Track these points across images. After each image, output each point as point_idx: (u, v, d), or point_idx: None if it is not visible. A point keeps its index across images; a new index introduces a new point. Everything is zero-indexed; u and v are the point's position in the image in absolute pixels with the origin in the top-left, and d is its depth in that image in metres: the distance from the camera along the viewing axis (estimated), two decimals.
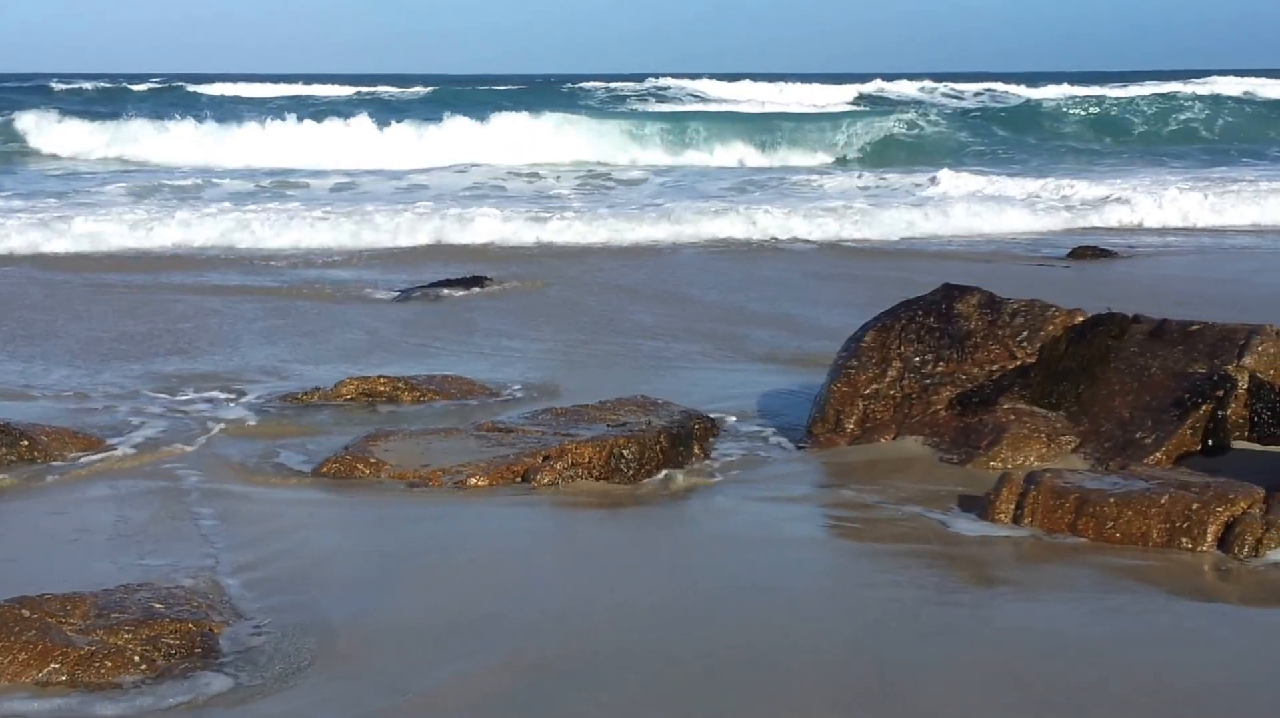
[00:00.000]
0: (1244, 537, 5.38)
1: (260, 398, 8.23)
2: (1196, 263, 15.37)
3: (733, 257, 15.72)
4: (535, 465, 6.46)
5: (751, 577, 5.27)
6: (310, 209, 18.58)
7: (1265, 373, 6.46)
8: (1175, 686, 4.22)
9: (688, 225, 17.65)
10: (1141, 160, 32.29)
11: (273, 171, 26.30)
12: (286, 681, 4.27)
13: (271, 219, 17.23)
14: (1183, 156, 34.00)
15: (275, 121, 33.09)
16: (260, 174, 25.71)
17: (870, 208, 19.17)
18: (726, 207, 19.12)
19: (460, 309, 12.06)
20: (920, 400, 7.06)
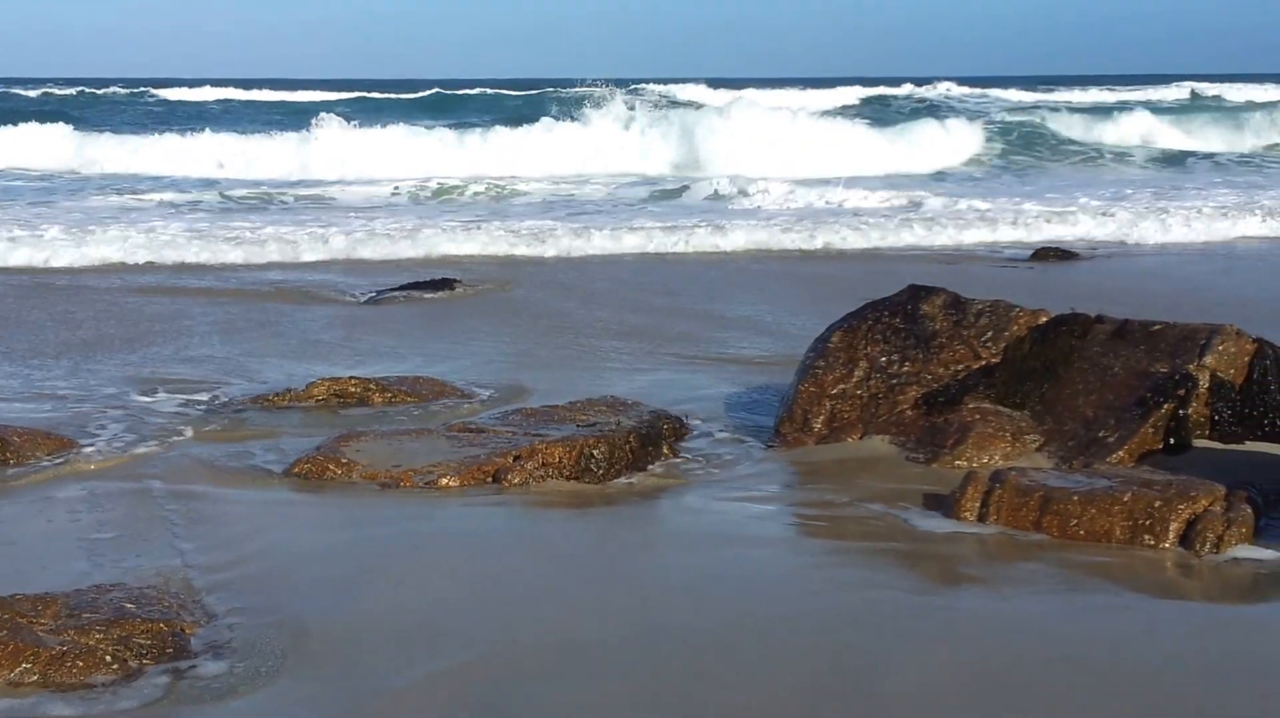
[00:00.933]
0: (1206, 534, 5.45)
1: (231, 399, 8.23)
2: (1159, 264, 15.50)
3: (702, 262, 15.74)
4: (506, 465, 6.49)
5: (721, 574, 5.32)
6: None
7: (1226, 372, 6.54)
8: (1138, 680, 4.27)
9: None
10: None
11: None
12: (258, 681, 4.28)
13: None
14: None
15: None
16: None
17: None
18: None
19: (430, 311, 12.09)
20: (886, 400, 7.13)
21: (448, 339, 10.58)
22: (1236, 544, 5.44)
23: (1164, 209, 19.81)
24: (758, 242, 16.98)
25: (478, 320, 11.48)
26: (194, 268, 14.86)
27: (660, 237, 17.05)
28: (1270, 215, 18.99)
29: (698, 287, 13.51)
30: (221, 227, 17.82)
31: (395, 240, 16.52)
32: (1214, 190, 24.28)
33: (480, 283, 13.56)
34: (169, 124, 35.36)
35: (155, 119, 40.21)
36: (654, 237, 17.04)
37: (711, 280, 14.03)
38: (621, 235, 17.08)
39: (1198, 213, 19.24)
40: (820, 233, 17.35)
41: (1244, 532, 5.47)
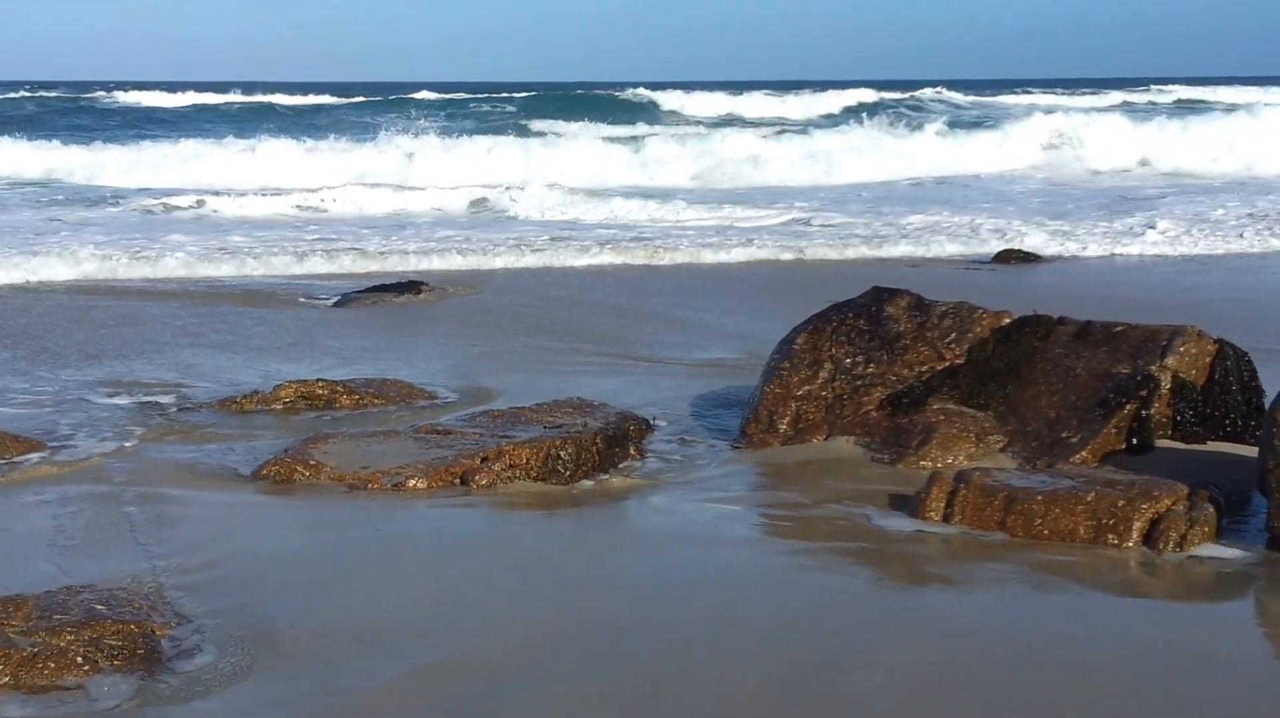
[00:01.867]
0: (1168, 533, 5.51)
1: (198, 402, 8.22)
2: (1121, 266, 15.62)
3: (670, 269, 15.75)
4: (473, 467, 6.51)
5: (688, 574, 5.35)
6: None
7: (1187, 373, 6.61)
8: (1102, 678, 4.32)
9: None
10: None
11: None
12: (229, 682, 4.29)
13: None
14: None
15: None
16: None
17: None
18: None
19: (398, 314, 12.08)
20: (851, 401, 7.17)
21: (415, 342, 10.57)
22: (1199, 543, 5.50)
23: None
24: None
25: (445, 324, 11.48)
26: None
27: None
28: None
29: (661, 292, 13.55)
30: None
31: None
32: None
33: (447, 287, 13.55)
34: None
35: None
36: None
37: (676, 288, 14.05)
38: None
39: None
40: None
41: (1206, 531, 5.53)
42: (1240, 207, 20.65)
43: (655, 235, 17.95)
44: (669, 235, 17.92)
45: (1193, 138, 31.92)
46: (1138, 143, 31.80)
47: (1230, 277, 14.57)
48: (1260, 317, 11.18)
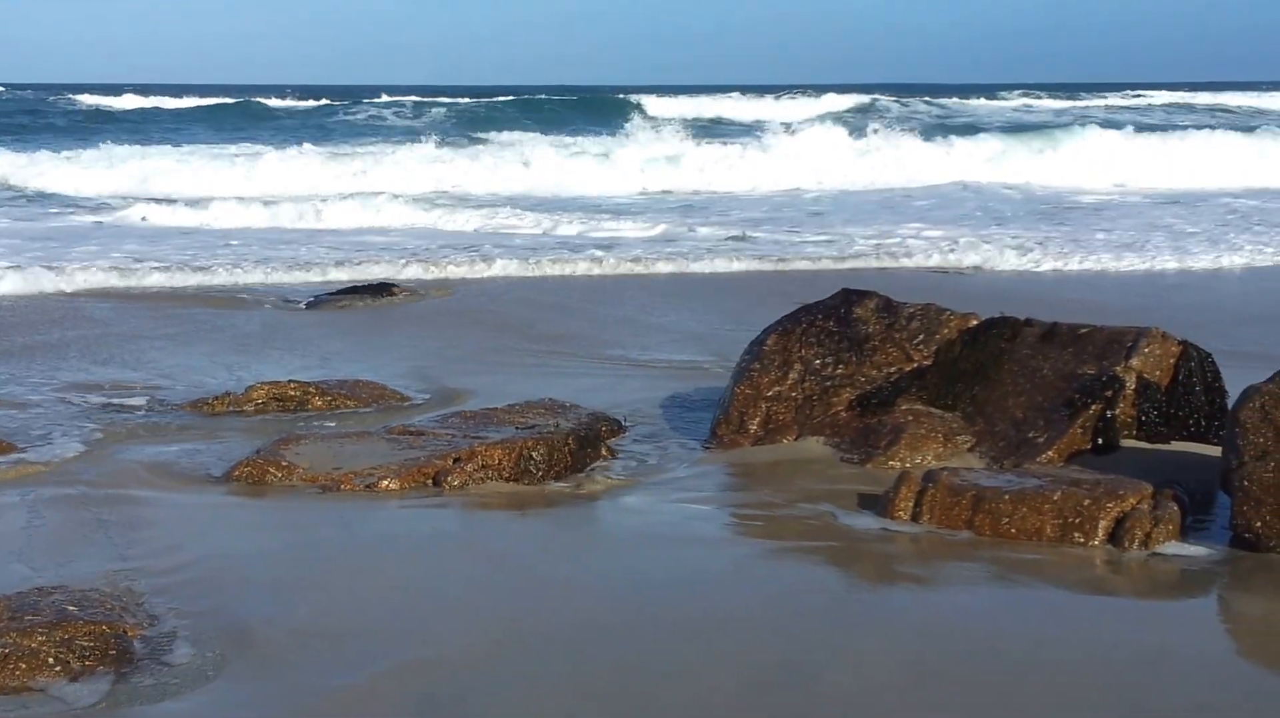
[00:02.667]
0: (1133, 531, 5.57)
1: (170, 403, 8.21)
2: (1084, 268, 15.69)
3: (636, 276, 15.76)
4: (446, 468, 6.53)
5: (659, 574, 5.39)
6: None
7: (1152, 374, 6.68)
8: (1068, 675, 4.37)
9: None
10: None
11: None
12: (201, 682, 4.30)
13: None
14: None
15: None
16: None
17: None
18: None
19: (370, 316, 12.08)
20: (821, 402, 7.22)
21: (387, 344, 10.58)
22: (1164, 541, 5.56)
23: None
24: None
25: (417, 325, 11.49)
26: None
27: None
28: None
29: (628, 296, 13.57)
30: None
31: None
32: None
33: (419, 289, 13.55)
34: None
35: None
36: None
37: (642, 292, 14.07)
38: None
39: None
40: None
41: (1171, 529, 5.59)
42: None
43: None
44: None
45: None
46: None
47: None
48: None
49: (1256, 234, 18.11)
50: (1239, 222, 19.85)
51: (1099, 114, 47.43)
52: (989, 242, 16.97)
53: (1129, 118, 42.49)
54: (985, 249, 16.26)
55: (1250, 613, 5.08)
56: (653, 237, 18.49)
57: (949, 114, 51.79)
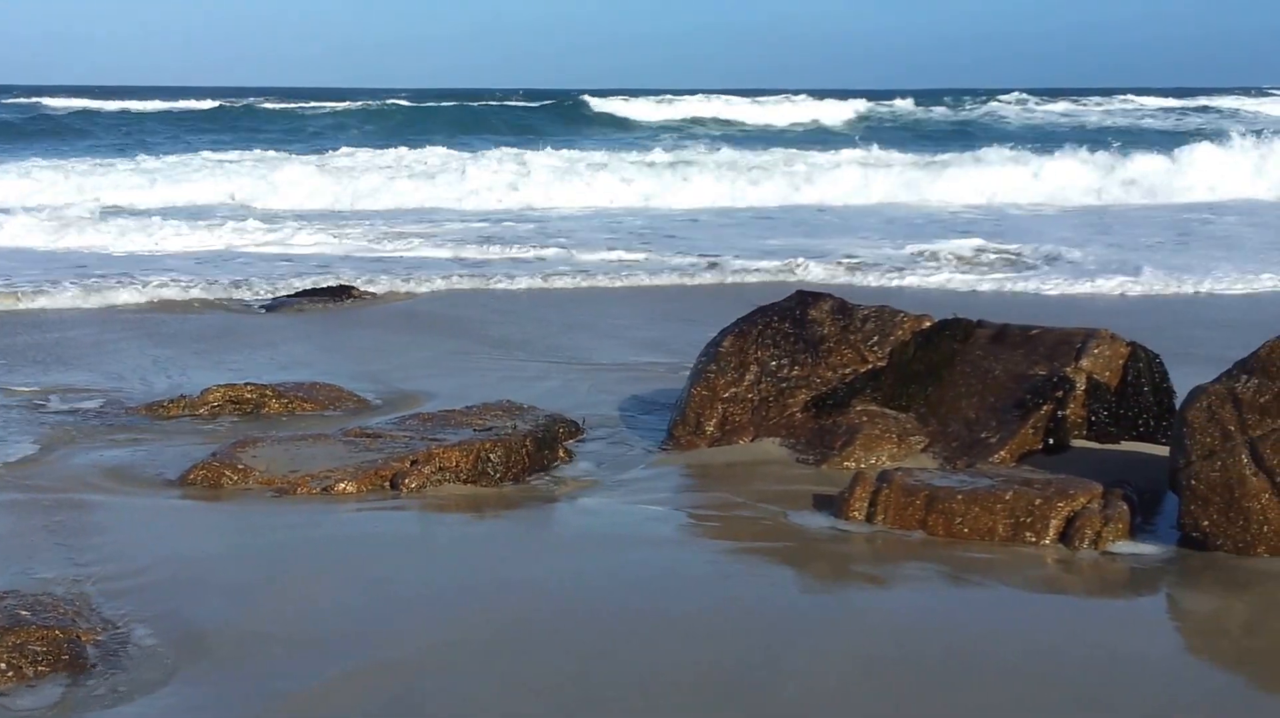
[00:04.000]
0: (1084, 530, 5.64)
1: (124, 406, 8.17)
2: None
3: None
4: (403, 470, 6.53)
5: (616, 575, 5.41)
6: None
7: (1101, 374, 6.75)
8: (1022, 670, 4.43)
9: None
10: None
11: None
12: (157, 687, 4.29)
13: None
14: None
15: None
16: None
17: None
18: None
19: (327, 318, 12.04)
20: (777, 403, 7.26)
21: (344, 346, 10.56)
22: (1113, 540, 5.63)
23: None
24: None
25: (374, 328, 11.47)
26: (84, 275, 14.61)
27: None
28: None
29: (589, 300, 13.58)
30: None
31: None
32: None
33: (378, 291, 13.52)
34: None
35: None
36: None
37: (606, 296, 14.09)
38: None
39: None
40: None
41: (1121, 528, 5.66)
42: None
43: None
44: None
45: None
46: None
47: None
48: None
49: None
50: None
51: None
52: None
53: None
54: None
55: (1198, 611, 5.15)
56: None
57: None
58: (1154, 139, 36.24)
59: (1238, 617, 4.98)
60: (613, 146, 34.48)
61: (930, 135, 43.86)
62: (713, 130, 46.09)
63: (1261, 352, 5.56)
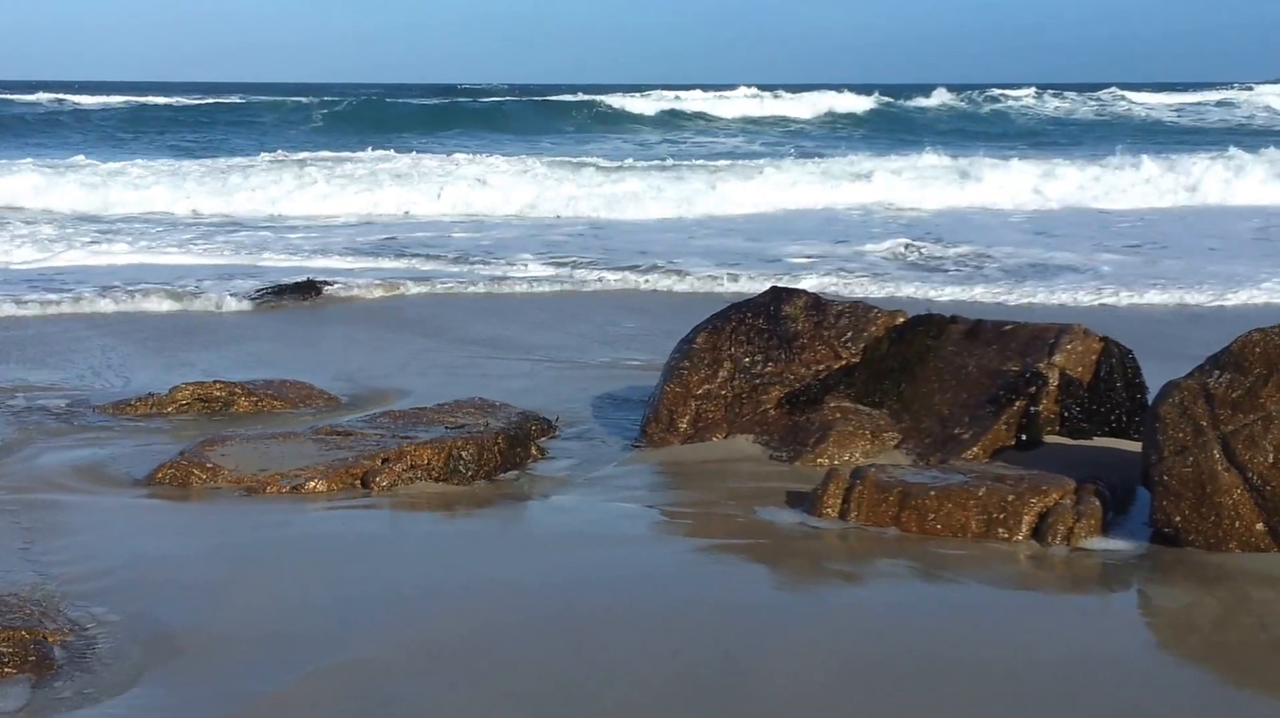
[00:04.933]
0: (1056, 527, 5.64)
1: (91, 405, 8.11)
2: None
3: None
4: (374, 468, 6.50)
5: (589, 573, 5.39)
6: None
7: (1074, 370, 6.76)
8: (994, 667, 4.43)
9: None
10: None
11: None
12: (125, 688, 4.25)
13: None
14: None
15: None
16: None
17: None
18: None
19: (297, 316, 11.99)
20: (750, 400, 7.25)
21: (314, 344, 10.52)
22: (1086, 537, 5.63)
23: None
24: None
25: (345, 326, 11.42)
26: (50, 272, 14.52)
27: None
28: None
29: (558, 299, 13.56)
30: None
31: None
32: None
33: (347, 288, 13.45)
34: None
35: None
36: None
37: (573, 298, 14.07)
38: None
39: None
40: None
41: (1093, 524, 5.67)
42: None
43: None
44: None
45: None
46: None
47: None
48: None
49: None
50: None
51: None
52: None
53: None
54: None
55: (1170, 607, 5.15)
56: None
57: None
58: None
59: (1209, 613, 4.98)
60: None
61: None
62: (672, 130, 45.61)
63: (1234, 346, 5.56)
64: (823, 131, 44.83)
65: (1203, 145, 32.01)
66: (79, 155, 27.88)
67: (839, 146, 34.66)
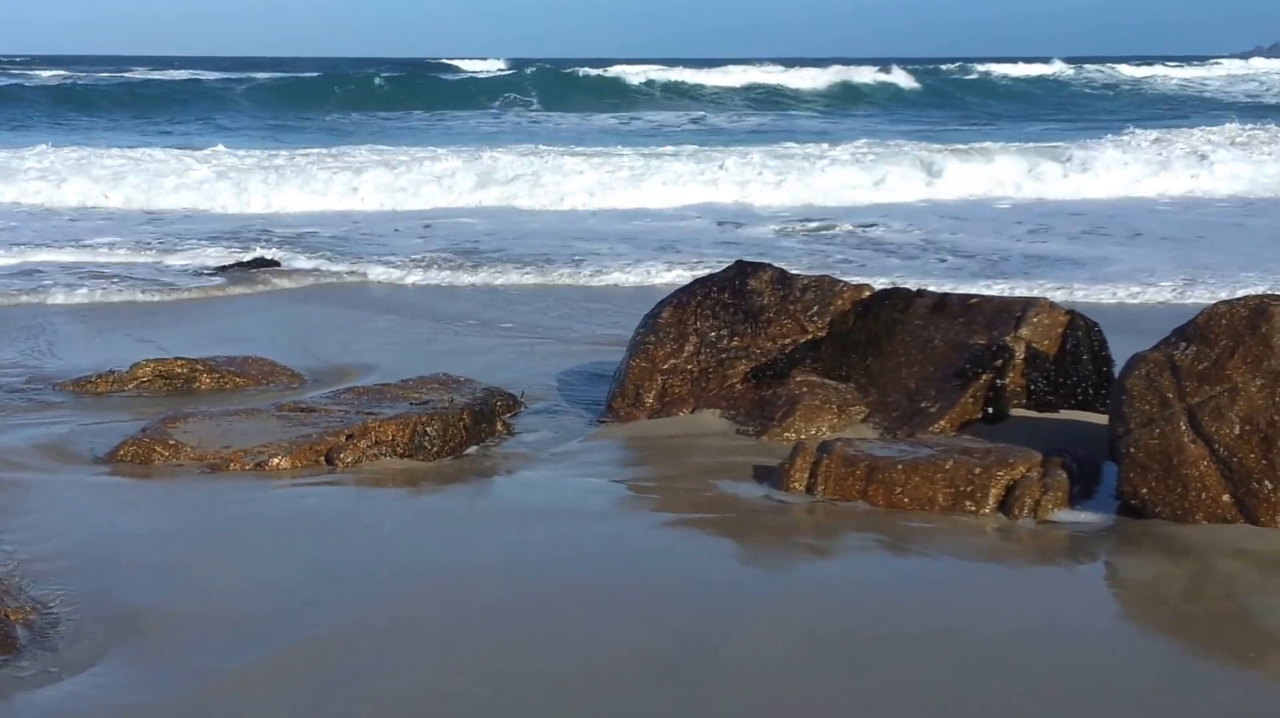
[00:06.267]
0: (1023, 499, 5.65)
1: (53, 383, 8.03)
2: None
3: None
4: (338, 444, 6.45)
5: (555, 548, 5.36)
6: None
7: (1040, 343, 6.77)
8: (961, 639, 4.44)
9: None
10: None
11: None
12: (87, 666, 4.22)
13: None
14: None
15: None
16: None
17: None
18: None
19: (258, 293, 11.91)
20: (717, 374, 7.24)
21: (276, 320, 10.45)
22: (1053, 509, 5.65)
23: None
24: None
25: (307, 304, 11.36)
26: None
27: None
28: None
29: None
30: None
31: None
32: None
33: (305, 263, 13.38)
34: None
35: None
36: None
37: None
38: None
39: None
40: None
41: (1060, 497, 5.68)
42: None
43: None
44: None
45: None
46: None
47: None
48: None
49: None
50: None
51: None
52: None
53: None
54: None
55: (1137, 578, 5.17)
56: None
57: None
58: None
59: (1176, 584, 5.00)
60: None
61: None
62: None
63: (1200, 319, 5.58)
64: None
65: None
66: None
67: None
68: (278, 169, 21.08)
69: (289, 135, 32.71)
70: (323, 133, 33.68)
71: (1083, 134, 26.23)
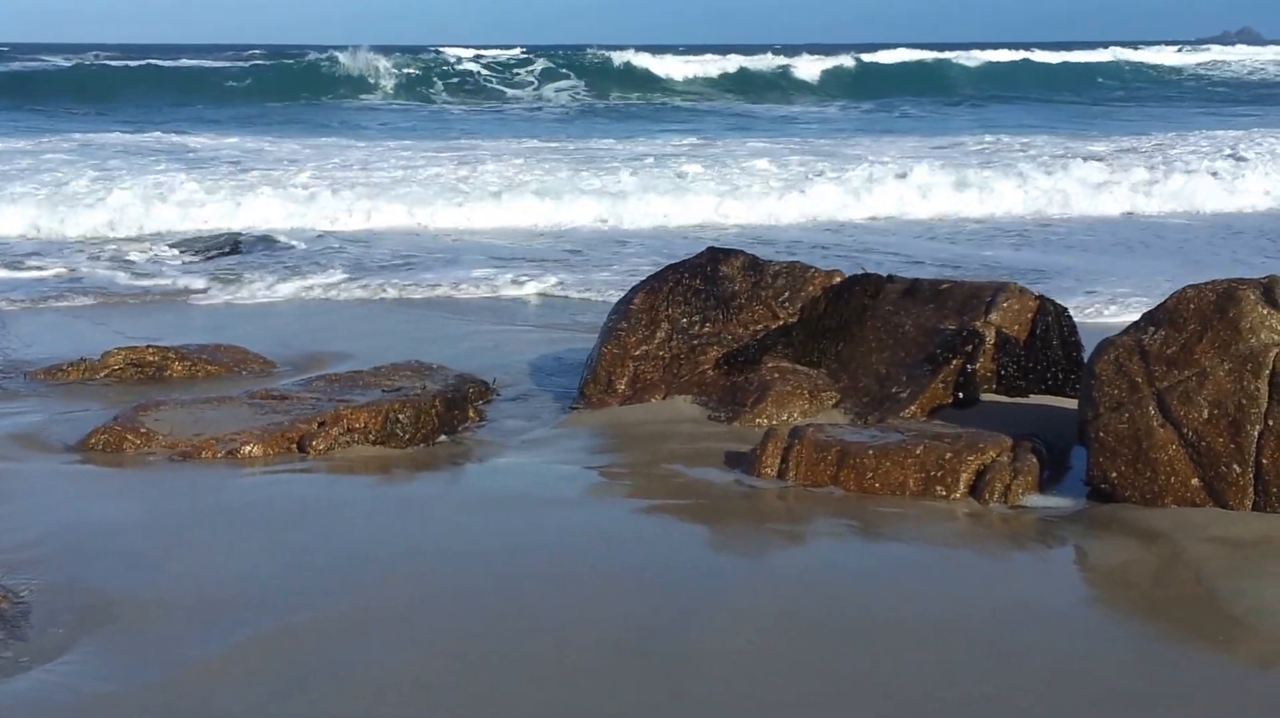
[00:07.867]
0: (994, 484, 5.68)
1: (23, 372, 7.98)
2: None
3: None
4: (310, 432, 6.44)
5: (528, 535, 5.37)
6: None
7: (1010, 328, 6.80)
8: (933, 623, 4.46)
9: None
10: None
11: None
12: (58, 654, 4.20)
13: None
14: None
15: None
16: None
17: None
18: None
19: (228, 278, 11.85)
20: (688, 360, 7.25)
21: (247, 307, 10.41)
22: (1023, 494, 5.68)
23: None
24: None
25: (278, 289, 11.30)
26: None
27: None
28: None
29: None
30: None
31: None
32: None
33: (272, 249, 13.32)
34: None
35: None
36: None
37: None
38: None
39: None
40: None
41: (1030, 481, 5.71)
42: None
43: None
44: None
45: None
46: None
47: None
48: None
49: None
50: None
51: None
52: None
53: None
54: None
55: (1107, 562, 5.20)
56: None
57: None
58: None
59: (1146, 568, 5.03)
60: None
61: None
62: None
63: (1169, 303, 5.61)
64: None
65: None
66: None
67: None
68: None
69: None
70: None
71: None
